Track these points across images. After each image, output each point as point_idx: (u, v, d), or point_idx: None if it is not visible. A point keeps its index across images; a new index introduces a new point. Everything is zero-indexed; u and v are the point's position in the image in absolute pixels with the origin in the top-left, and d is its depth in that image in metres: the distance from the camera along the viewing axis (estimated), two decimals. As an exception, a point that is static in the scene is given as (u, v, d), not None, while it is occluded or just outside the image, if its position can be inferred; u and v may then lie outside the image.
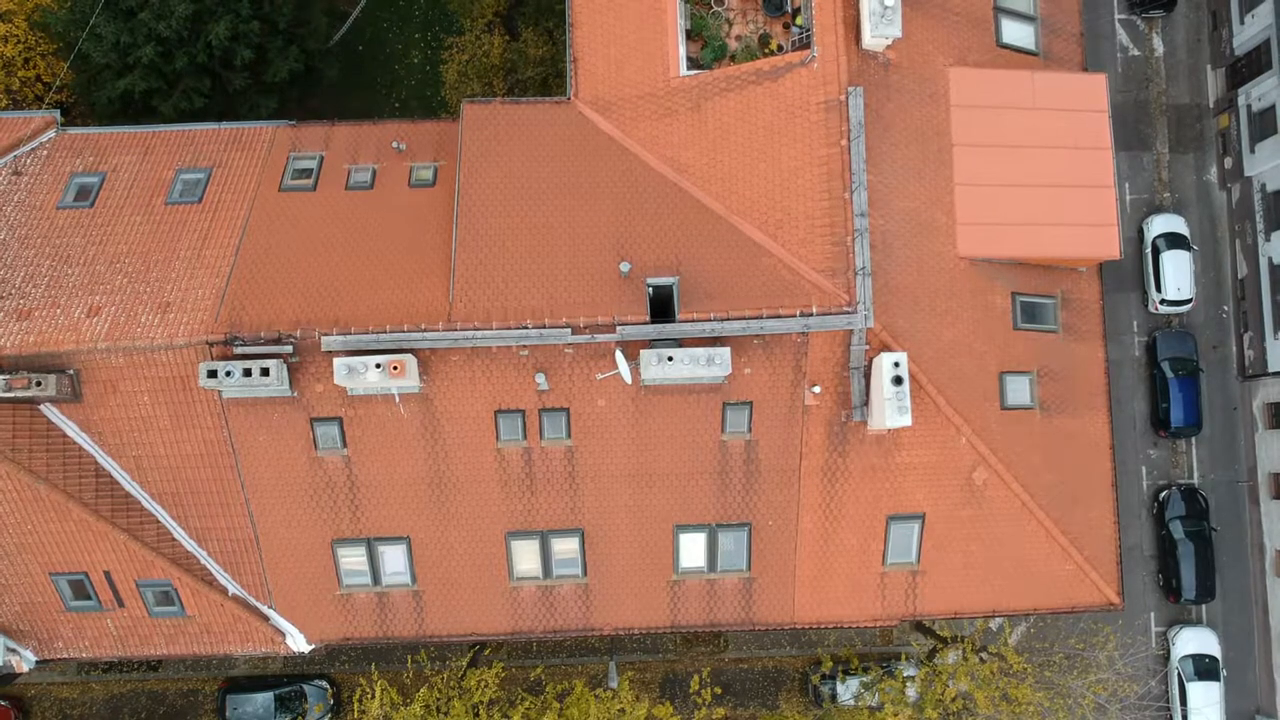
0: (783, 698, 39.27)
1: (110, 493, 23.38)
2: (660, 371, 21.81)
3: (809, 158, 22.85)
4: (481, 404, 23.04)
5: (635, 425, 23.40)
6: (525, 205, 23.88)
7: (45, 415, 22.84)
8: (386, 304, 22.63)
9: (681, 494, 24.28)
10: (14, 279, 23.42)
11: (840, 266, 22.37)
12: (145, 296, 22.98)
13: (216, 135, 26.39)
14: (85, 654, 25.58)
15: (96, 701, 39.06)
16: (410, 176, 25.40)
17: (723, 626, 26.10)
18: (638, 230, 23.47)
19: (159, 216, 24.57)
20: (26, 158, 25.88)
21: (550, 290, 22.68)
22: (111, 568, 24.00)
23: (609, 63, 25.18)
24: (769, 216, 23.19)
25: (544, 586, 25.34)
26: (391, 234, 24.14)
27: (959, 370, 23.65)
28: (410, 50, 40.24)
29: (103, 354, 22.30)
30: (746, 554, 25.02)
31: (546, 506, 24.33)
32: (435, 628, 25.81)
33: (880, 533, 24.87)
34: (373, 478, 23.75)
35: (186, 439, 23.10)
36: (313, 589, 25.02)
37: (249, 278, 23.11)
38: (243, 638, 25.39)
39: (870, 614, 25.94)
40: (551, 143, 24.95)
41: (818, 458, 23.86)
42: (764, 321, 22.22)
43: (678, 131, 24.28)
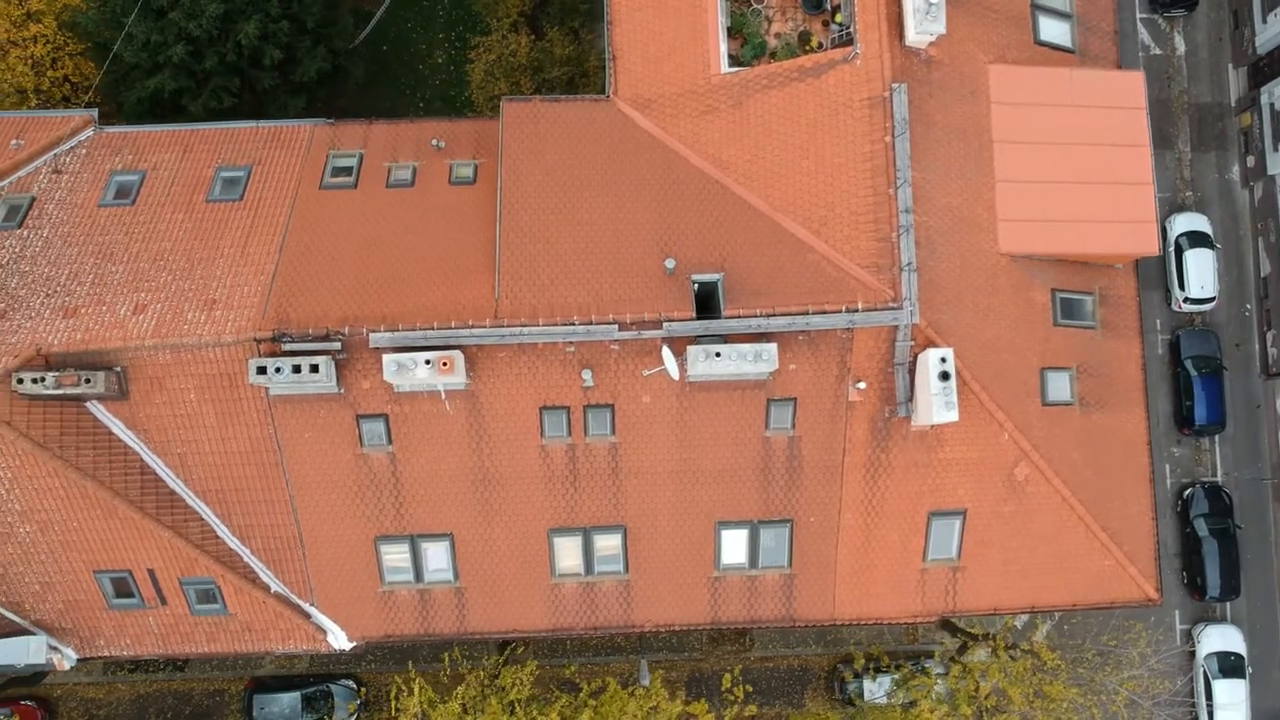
0: (808, 696, 39.31)
1: (155, 490, 23.40)
2: (707, 367, 21.88)
3: (853, 154, 22.93)
4: (527, 400, 23.09)
5: (679, 421, 23.45)
6: (567, 202, 23.94)
7: (91, 413, 22.85)
8: (432, 301, 22.67)
9: (724, 490, 24.34)
10: (59, 276, 23.45)
11: (885, 262, 22.44)
12: (191, 294, 23.01)
13: (255, 134, 26.44)
14: (126, 652, 25.60)
15: (123, 702, 39.03)
16: (450, 174, 25.47)
17: (763, 623, 26.15)
18: (680, 227, 23.53)
19: (200, 214, 24.61)
20: (66, 156, 25.93)
21: (595, 287, 22.74)
22: (155, 565, 24.01)
23: (648, 60, 25.26)
24: (812, 213, 23.27)
25: (585, 583, 25.39)
26: (434, 231, 24.20)
27: (1001, 366, 23.73)
28: (434, 50, 40.30)
29: (150, 351, 22.33)
30: (788, 550, 25.08)
31: (589, 503, 24.37)
32: (476, 625, 25.85)
33: (921, 529, 24.93)
34: (417, 474, 23.79)
35: (232, 436, 23.12)
36: (355, 586, 25.05)
37: (294, 275, 23.15)
38: (284, 635, 25.40)
39: (910, 610, 26.01)
40: (591, 140, 25.01)
41: (861, 454, 23.92)
42: (809, 317, 22.29)
43: (719, 128, 24.36)
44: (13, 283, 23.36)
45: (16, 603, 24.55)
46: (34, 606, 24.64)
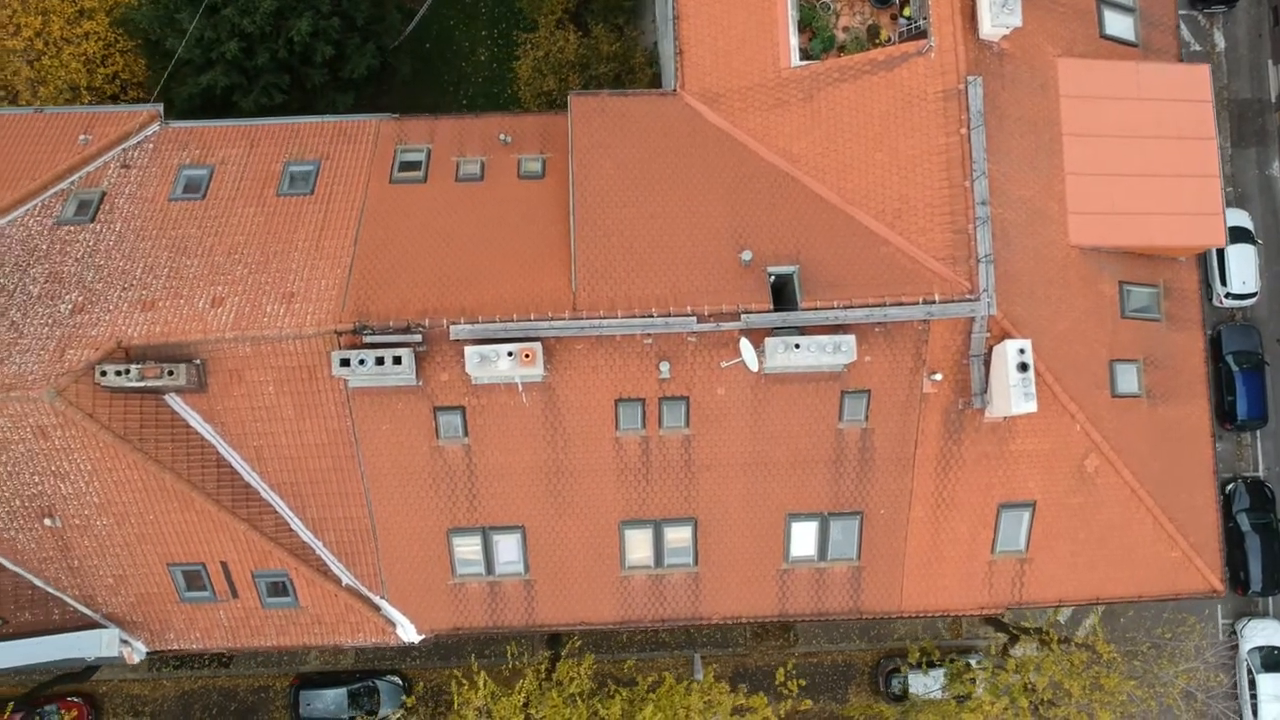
0: (852, 691, 39.36)
1: (231, 483, 23.47)
2: (786, 359, 21.98)
3: (928, 146, 23.03)
4: (603, 393, 23.17)
5: (753, 414, 23.53)
6: (640, 196, 24.03)
7: (170, 405, 22.91)
8: (509, 294, 22.76)
9: (795, 482, 24.42)
10: (134, 270, 23.52)
11: (961, 254, 22.53)
12: (268, 287, 23.07)
13: (320, 128, 26.52)
14: (195, 645, 25.67)
15: (168, 698, 39.08)
16: (519, 169, 25.54)
17: (830, 615, 26.25)
18: (753, 220, 23.63)
19: (272, 208, 24.69)
20: (133, 151, 26.01)
21: (672, 279, 22.83)
22: (229, 558, 24.07)
23: (716, 55, 25.35)
24: (886, 205, 23.37)
25: (654, 576, 25.47)
26: (506, 225, 24.29)
27: (1073, 358, 23.84)
28: (477, 48, 40.38)
29: (230, 344, 22.40)
30: (857, 543, 25.16)
31: (661, 495, 24.45)
32: (545, 617, 25.92)
33: (990, 521, 25.02)
34: (492, 466, 23.87)
35: (309, 429, 23.19)
36: (426, 579, 25.12)
37: (371, 268, 23.23)
38: (353, 629, 25.47)
39: (977, 603, 26.10)
40: (660, 134, 25.11)
41: (933, 446, 24.01)
42: (887, 309, 22.38)
43: (789, 122, 24.45)
44: (89, 276, 23.42)
45: (89, 596, 24.60)
46: (106, 600, 24.70)
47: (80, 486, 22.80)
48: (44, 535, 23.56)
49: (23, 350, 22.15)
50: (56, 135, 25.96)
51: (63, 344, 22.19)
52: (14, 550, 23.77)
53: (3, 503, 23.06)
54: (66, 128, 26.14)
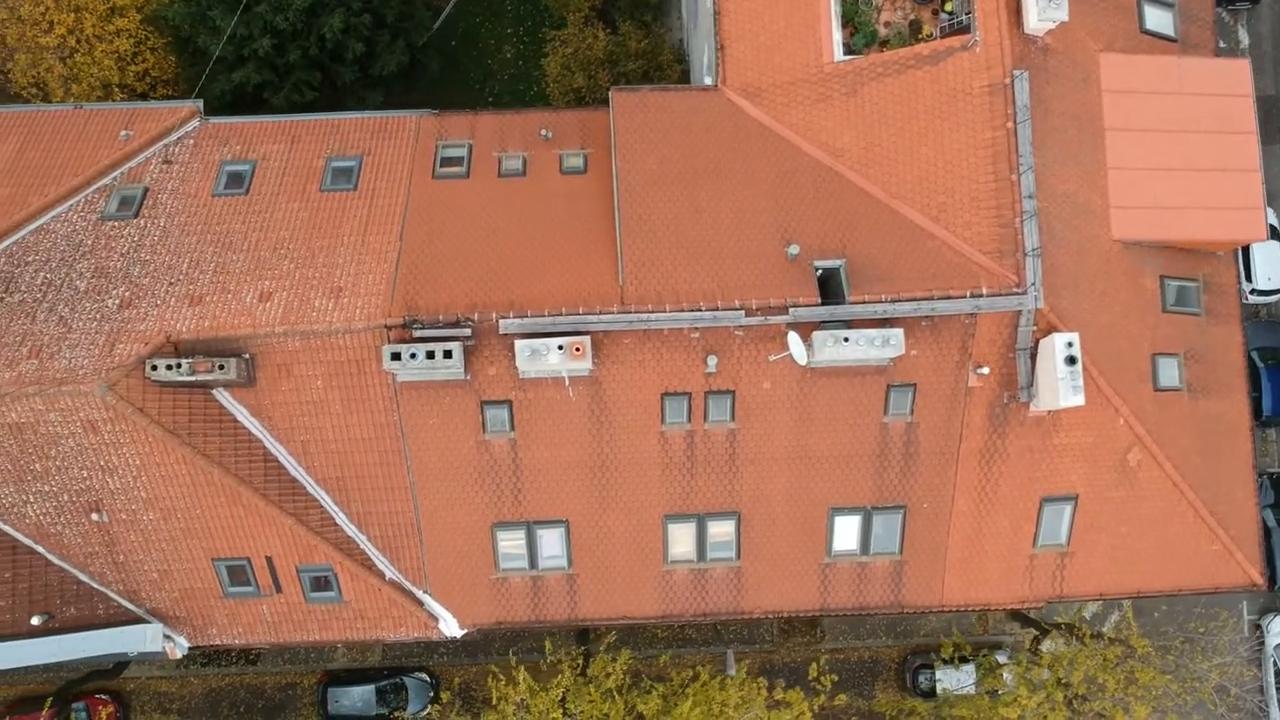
0: (879, 687, 39.44)
1: (277, 478, 23.50)
2: (835, 353, 22.03)
3: (973, 140, 23.09)
4: (649, 387, 23.22)
5: (798, 407, 23.59)
6: (683, 190, 24.08)
7: (218, 400, 22.94)
8: (556, 288, 22.80)
9: (839, 476, 24.47)
10: (180, 265, 23.55)
11: (1008, 248, 22.60)
12: (315, 281, 23.12)
13: (361, 124, 26.56)
14: (237, 641, 25.70)
15: (195, 695, 39.12)
16: (561, 164, 25.57)
17: (870, 609, 26.30)
18: (798, 214, 23.69)
19: (316, 203, 24.73)
20: (175, 147, 26.04)
21: (718, 273, 22.88)
22: (274, 553, 24.10)
23: (757, 50, 25.40)
24: (931, 199, 23.42)
25: (697, 570, 25.51)
26: (550, 219, 24.33)
27: (1116, 351, 23.91)
28: (503, 45, 40.42)
29: (280, 338, 22.43)
30: (899, 537, 25.21)
31: (705, 489, 24.50)
32: (587, 611, 25.96)
33: (1033, 515, 25.09)
34: (537, 461, 23.91)
35: (357, 423, 23.23)
36: (469, 573, 25.16)
37: (418, 263, 23.27)
38: (396, 623, 25.50)
39: (1017, 596, 26.16)
40: (702, 129, 25.16)
41: (977, 439, 24.07)
42: (935, 303, 22.44)
43: (832, 116, 24.50)
44: (135, 271, 23.46)
45: (134, 591, 24.62)
46: (150, 595, 24.72)
47: (128, 481, 22.82)
48: (90, 530, 23.58)
49: (72, 345, 22.18)
50: (97, 131, 25.98)
51: (112, 338, 22.22)
52: (61, 545, 23.79)
53: (50, 497, 23.07)
54: (107, 124, 26.16)
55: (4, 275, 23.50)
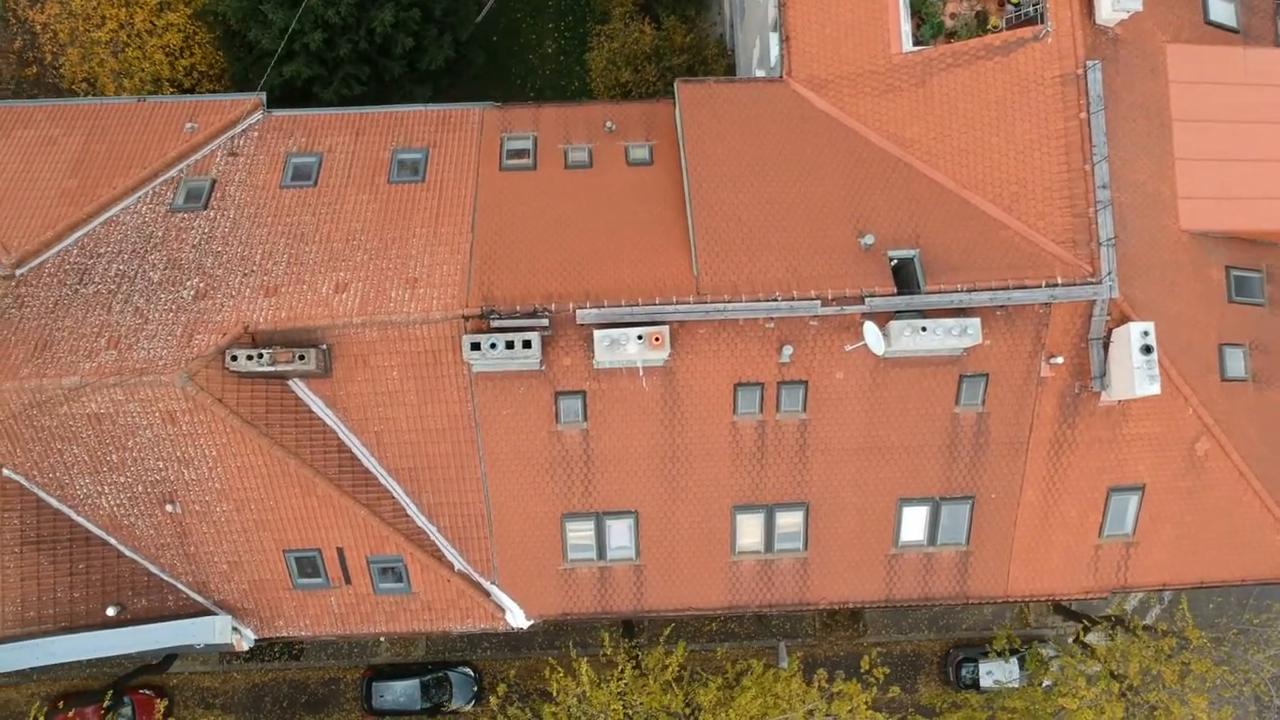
0: (921, 681, 39.49)
1: (351, 468, 23.52)
2: (912, 342, 22.08)
3: (1045, 131, 23.14)
4: (723, 377, 23.26)
5: (870, 398, 23.63)
6: (753, 181, 24.13)
7: (293, 391, 22.96)
8: (631, 278, 22.84)
9: (908, 467, 24.52)
10: (253, 256, 23.57)
11: (1082, 238, 22.65)
12: (390, 272, 23.14)
13: (425, 117, 26.57)
14: (304, 633, 25.69)
15: (238, 690, 39.14)
16: (626, 155, 25.61)
17: (935, 601, 26.34)
18: (869, 204, 23.73)
19: (385, 195, 24.75)
20: (239, 139, 26.05)
21: (792, 263, 22.92)
22: (345, 544, 24.11)
23: (823, 41, 25.45)
24: (1003, 189, 23.48)
25: (764, 561, 25.54)
26: (619, 210, 24.37)
27: (1185, 342, 23.96)
28: (544, 40, 40.51)
29: (357, 329, 22.45)
30: (966, 527, 25.26)
31: (774, 480, 24.53)
32: (653, 602, 25.98)
33: (1100, 504, 25.14)
34: (608, 451, 23.94)
35: (431, 414, 23.25)
36: (537, 564, 25.18)
37: (491, 254, 23.30)
38: (463, 614, 25.52)
39: (1082, 586, 26.20)
40: (769, 120, 25.21)
41: (1047, 430, 24.12)
42: (1010, 292, 22.49)
43: (901, 108, 24.56)
44: (208, 263, 23.47)
45: (203, 582, 24.63)
46: (219, 586, 24.73)
47: (203, 472, 22.84)
48: (163, 521, 23.59)
49: (150, 335, 22.19)
50: (162, 124, 25.98)
51: (189, 329, 22.23)
52: (133, 536, 23.80)
53: (125, 489, 23.08)
54: (171, 116, 26.16)
55: (77, 267, 23.51)
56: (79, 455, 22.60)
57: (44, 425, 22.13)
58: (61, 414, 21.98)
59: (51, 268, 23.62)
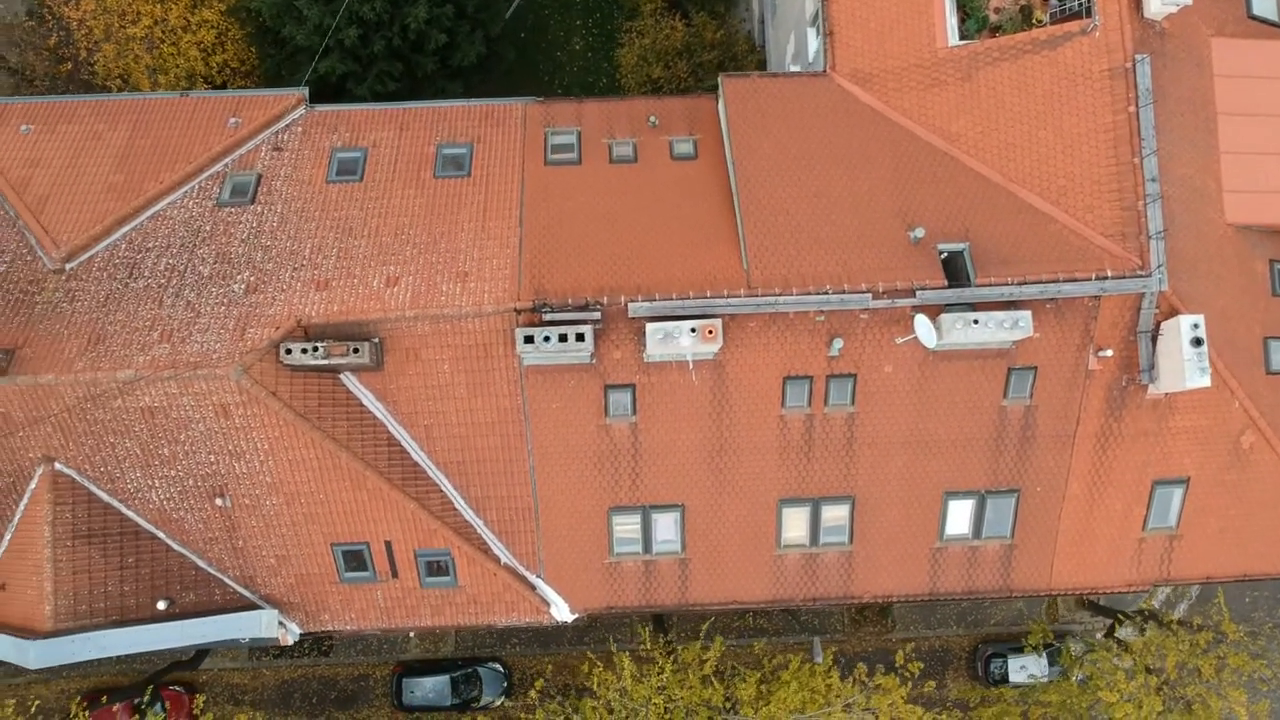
0: (950, 677, 39.53)
1: (400, 462, 23.56)
2: (964, 335, 22.12)
3: (1094, 125, 23.19)
4: (772, 370, 23.30)
5: (918, 391, 23.68)
6: (800, 175, 24.17)
7: (344, 384, 23.00)
8: (681, 271, 22.88)
9: (955, 460, 24.56)
10: (302, 250, 23.60)
11: (1131, 231, 22.70)
12: (440, 266, 23.18)
13: (468, 112, 26.60)
14: (349, 627, 25.74)
15: (267, 687, 39.16)
16: (671, 150, 25.65)
17: (979, 594, 26.38)
18: (917, 198, 23.78)
19: (431, 190, 24.79)
20: (283, 134, 26.08)
21: (841, 256, 22.96)
22: (394, 538, 24.15)
23: (868, 36, 25.50)
24: (1051, 183, 23.53)
25: (809, 554, 25.59)
26: (666, 205, 24.41)
27: (1231, 334, 24.01)
28: (572, 37, 40.55)
29: (410, 322, 22.49)
30: (1011, 521, 25.31)
31: (821, 473, 24.58)
32: (697, 596, 26.03)
33: (1144, 497, 25.19)
34: (656, 444, 23.99)
35: (481, 407, 23.29)
36: (583, 557, 25.23)
37: (540, 248, 23.34)
38: (509, 608, 25.55)
39: (1125, 579, 26.25)
40: (814, 114, 25.27)
41: (1094, 423, 24.17)
42: (1060, 285, 22.53)
43: (947, 101, 24.61)
44: (257, 257, 23.51)
45: (249, 576, 24.67)
46: (266, 580, 24.76)
47: (254, 465, 22.87)
48: (212, 515, 23.63)
49: (202, 329, 22.22)
50: (206, 119, 26.01)
51: (242, 322, 22.27)
52: (181, 530, 23.83)
53: (175, 482, 23.12)
54: (214, 111, 26.19)
55: (127, 261, 23.54)
56: (131, 449, 22.63)
57: (97, 419, 22.16)
58: (115, 407, 22.00)
59: (100, 262, 23.64)
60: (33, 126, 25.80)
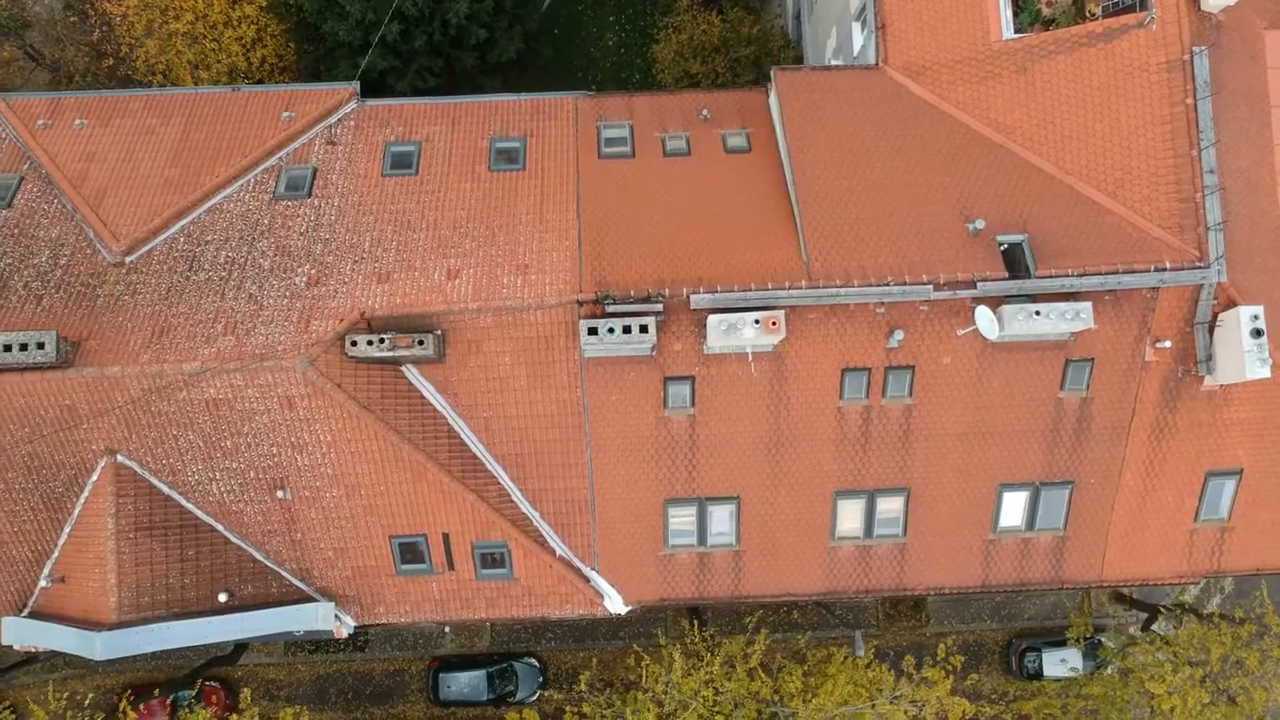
0: (983, 671, 39.59)
1: (460, 454, 23.62)
2: (1025, 326, 22.20)
3: (1151, 117, 23.28)
4: (830, 362, 23.38)
5: (976, 383, 23.76)
6: (856, 167, 24.25)
7: (405, 377, 23.06)
8: (741, 264, 22.95)
9: (1011, 452, 24.65)
10: (362, 243, 23.67)
11: (1189, 222, 22.79)
12: (500, 259, 23.24)
13: (518, 106, 26.67)
14: (402, 619, 25.79)
15: (303, 682, 39.24)
16: (724, 143, 25.72)
17: (1030, 586, 26.47)
18: (974, 190, 23.87)
19: (486, 183, 24.86)
20: (336, 128, 26.13)
21: (901, 248, 23.04)
22: (452, 530, 24.21)
23: (920, 29, 25.58)
24: (1107, 175, 23.62)
25: (863, 546, 25.67)
26: (722, 197, 24.50)
27: (1285, 326, 24.08)
28: (605, 33, 40.64)
29: (472, 314, 22.56)
30: (1065, 512, 25.40)
31: (877, 465, 24.66)
32: (751, 588, 26.11)
33: (1197, 489, 25.29)
34: (714, 437, 24.06)
35: (540, 399, 23.36)
36: (637, 550, 25.30)
37: (599, 240, 23.41)
38: (562, 600, 25.62)
39: (1176, 571, 26.36)
40: (868, 107, 25.35)
41: (1149, 414, 24.27)
42: (1120, 276, 22.62)
43: (1001, 94, 24.69)
44: (317, 249, 23.57)
45: (306, 569, 24.72)
46: (322, 573, 24.82)
47: (317, 458, 22.93)
48: (272, 508, 23.69)
49: (266, 321, 22.28)
50: (258, 113, 26.06)
51: (305, 315, 22.33)
52: (240, 523, 23.89)
53: (236, 475, 23.17)
54: (267, 106, 26.25)
55: (186, 254, 23.60)
56: (194, 441, 22.69)
57: (161, 411, 22.21)
58: (179, 400, 22.06)
59: (160, 255, 23.70)
60: (86, 121, 25.85)
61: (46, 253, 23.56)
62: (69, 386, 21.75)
